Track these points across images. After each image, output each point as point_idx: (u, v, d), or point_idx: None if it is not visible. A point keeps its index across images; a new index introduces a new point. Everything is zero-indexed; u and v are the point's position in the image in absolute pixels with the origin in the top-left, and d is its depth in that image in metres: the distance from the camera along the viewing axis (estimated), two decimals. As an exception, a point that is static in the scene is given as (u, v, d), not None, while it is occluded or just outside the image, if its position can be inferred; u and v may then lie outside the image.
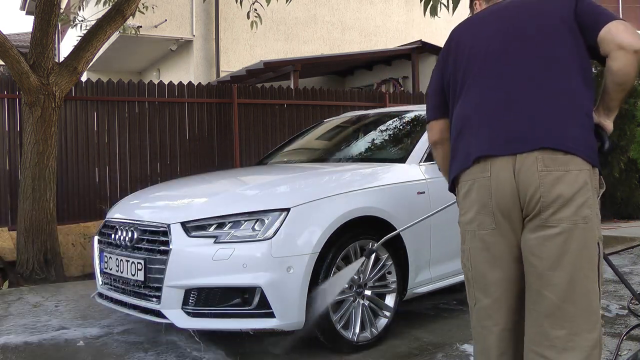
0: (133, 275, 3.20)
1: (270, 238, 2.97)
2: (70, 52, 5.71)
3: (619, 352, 3.10)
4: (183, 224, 3.09)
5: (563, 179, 1.74)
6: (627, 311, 3.89)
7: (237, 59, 12.52)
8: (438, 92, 2.15)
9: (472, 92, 1.96)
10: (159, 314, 3.07)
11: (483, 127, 1.88)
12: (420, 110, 4.61)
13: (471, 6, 2.35)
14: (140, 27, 9.77)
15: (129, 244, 3.30)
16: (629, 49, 1.77)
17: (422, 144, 3.93)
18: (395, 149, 4.20)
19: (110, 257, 3.43)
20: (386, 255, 3.39)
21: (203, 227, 3.07)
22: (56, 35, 16.30)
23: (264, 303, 2.94)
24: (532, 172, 1.76)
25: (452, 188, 2.06)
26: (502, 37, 1.96)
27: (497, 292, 1.89)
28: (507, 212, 1.81)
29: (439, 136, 2.16)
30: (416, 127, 4.30)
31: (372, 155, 4.25)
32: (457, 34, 2.16)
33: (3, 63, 5.42)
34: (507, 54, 1.92)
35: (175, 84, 7.42)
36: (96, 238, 3.70)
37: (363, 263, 3.07)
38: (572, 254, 1.73)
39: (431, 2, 4.48)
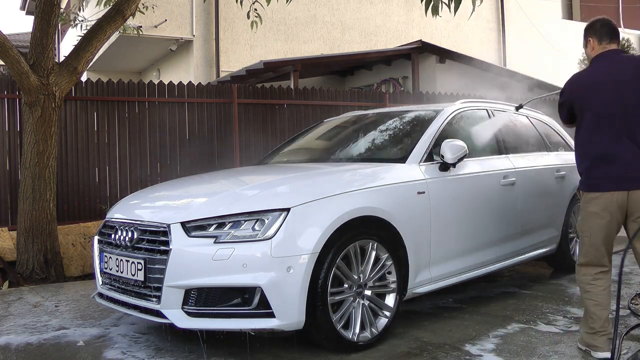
0: (133, 275, 3.20)
1: (270, 238, 2.97)
2: (70, 52, 5.71)
3: (625, 352, 3.10)
4: (183, 224, 3.09)
5: None
6: (628, 311, 3.89)
7: (237, 59, 12.52)
8: None
9: None
10: (159, 314, 3.07)
11: None
12: (420, 110, 4.62)
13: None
14: (141, 27, 9.76)
15: (129, 244, 3.30)
16: None
17: (422, 144, 3.94)
18: (395, 149, 4.19)
19: (110, 257, 3.43)
20: (386, 255, 3.39)
21: (203, 227, 3.07)
22: (56, 35, 16.29)
23: (264, 303, 2.94)
24: None
25: None
26: None
27: None
28: None
29: None
30: (416, 127, 4.30)
31: (372, 155, 4.25)
32: None
33: (3, 63, 5.42)
34: None
35: (175, 84, 7.42)
36: (96, 238, 3.69)
37: None
38: None
39: (432, 2, 4.48)
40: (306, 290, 2.99)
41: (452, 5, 4.44)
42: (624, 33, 15.84)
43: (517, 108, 4.28)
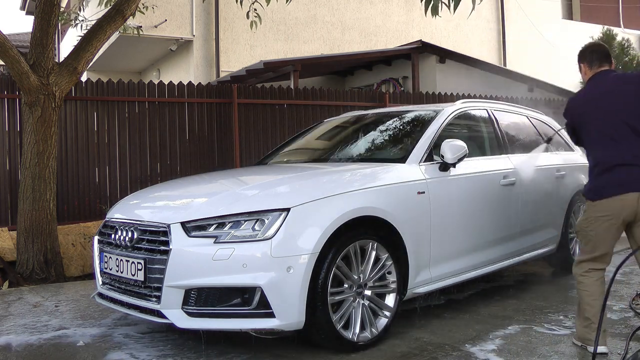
0: (133, 275, 3.20)
1: (270, 238, 2.97)
2: (70, 52, 5.71)
3: (622, 352, 3.10)
4: (183, 224, 3.09)
5: None
6: (630, 311, 3.89)
7: (237, 59, 12.52)
8: None
9: None
10: (159, 314, 3.07)
11: None
12: (420, 110, 4.62)
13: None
14: (141, 27, 9.77)
15: (129, 244, 3.30)
16: None
17: (422, 144, 3.94)
18: (395, 149, 4.19)
19: (110, 257, 3.43)
20: (386, 255, 3.39)
21: (203, 227, 3.07)
22: (56, 35, 16.29)
23: (264, 303, 2.94)
24: None
25: None
26: None
27: None
28: None
29: None
30: (416, 127, 4.30)
31: (372, 155, 4.25)
32: None
33: (3, 63, 5.42)
34: None
35: (175, 84, 7.42)
36: (96, 238, 3.69)
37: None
38: None
39: (432, 2, 4.48)
40: (306, 290, 2.99)
41: (452, 5, 4.44)
42: (624, 33, 15.83)
43: (547, 141, 4.42)
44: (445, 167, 3.86)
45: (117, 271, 3.34)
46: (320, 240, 3.04)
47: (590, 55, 3.27)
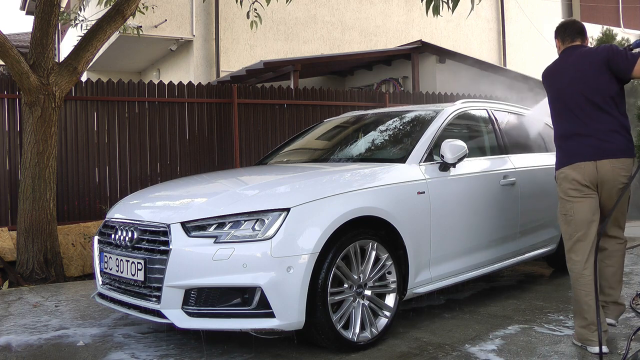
0: (133, 275, 3.20)
1: (270, 238, 2.97)
2: (70, 52, 5.71)
3: (622, 352, 3.10)
4: (183, 224, 3.09)
5: None
6: (631, 311, 3.89)
7: (237, 59, 12.52)
8: None
9: None
10: (159, 314, 3.07)
11: None
12: (420, 110, 4.61)
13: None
14: (141, 27, 9.76)
15: (129, 244, 3.30)
16: None
17: (422, 144, 3.94)
18: (395, 149, 4.19)
19: (110, 257, 3.43)
20: (386, 255, 3.39)
21: (203, 227, 3.07)
22: (56, 35, 16.30)
23: (264, 303, 2.94)
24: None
25: None
26: None
27: None
28: None
29: None
30: (416, 127, 4.30)
31: (372, 155, 4.25)
32: None
33: (3, 63, 5.42)
34: None
35: (175, 84, 7.43)
36: (96, 238, 3.69)
37: None
38: None
39: (433, 2, 4.48)
40: (306, 290, 2.99)
41: (451, 4, 4.44)
42: (624, 33, 15.83)
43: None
44: (445, 167, 3.86)
45: (117, 271, 3.34)
46: (320, 240, 3.04)
47: (564, 31, 3.42)
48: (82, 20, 8.22)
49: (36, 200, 5.48)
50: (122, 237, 3.35)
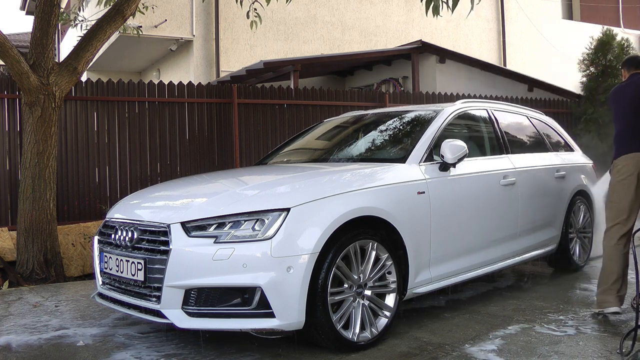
0: (133, 275, 3.20)
1: (271, 238, 2.97)
2: (70, 52, 5.71)
3: (622, 351, 3.10)
4: (183, 224, 3.09)
5: None
6: (632, 311, 3.89)
7: (237, 59, 12.52)
8: None
9: None
10: (159, 314, 3.07)
11: None
12: (420, 110, 4.62)
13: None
14: (141, 27, 9.76)
15: (129, 244, 3.30)
16: None
17: (422, 144, 3.94)
18: (395, 149, 4.19)
19: (110, 257, 3.43)
20: (386, 255, 3.39)
21: (203, 227, 3.07)
22: (56, 35, 16.30)
23: (264, 303, 2.94)
24: None
25: None
26: None
27: None
28: None
29: None
30: (416, 127, 4.30)
31: (372, 155, 4.25)
32: None
33: (3, 63, 5.42)
34: None
35: (175, 84, 7.43)
36: (96, 238, 3.69)
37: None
38: None
39: (432, 2, 4.48)
40: (306, 290, 2.99)
41: (451, 4, 4.44)
42: (624, 33, 15.83)
43: None
44: (445, 167, 3.86)
45: (117, 271, 3.34)
46: (320, 240, 3.04)
47: (629, 63, 4.31)
48: (82, 21, 8.22)
49: (36, 200, 5.48)
50: (122, 237, 3.35)
